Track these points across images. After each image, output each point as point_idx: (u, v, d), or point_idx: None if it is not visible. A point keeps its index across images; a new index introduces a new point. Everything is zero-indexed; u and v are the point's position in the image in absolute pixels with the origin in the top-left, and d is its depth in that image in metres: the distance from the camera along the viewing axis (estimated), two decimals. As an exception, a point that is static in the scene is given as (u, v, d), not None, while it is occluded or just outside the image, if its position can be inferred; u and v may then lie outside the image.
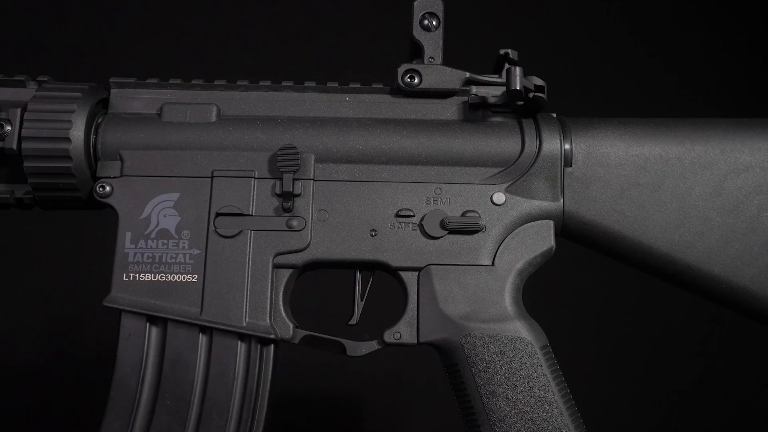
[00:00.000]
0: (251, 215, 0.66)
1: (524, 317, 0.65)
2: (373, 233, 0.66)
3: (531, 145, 0.67)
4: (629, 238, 0.67)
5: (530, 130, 0.68)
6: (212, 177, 0.66)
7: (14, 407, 1.20)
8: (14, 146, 0.64)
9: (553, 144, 0.67)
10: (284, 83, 0.70)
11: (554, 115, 0.70)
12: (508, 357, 0.63)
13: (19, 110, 0.65)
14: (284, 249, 0.65)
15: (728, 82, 1.38)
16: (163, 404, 0.63)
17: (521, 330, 0.64)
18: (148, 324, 0.64)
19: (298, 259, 0.66)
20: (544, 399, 0.63)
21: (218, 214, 0.65)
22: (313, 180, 0.67)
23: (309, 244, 0.66)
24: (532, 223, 0.67)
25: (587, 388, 1.14)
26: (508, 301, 0.65)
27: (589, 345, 1.26)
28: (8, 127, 0.64)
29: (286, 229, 0.66)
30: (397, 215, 0.66)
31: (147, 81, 0.70)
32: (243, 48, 1.34)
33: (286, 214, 0.66)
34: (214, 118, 0.68)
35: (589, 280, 1.27)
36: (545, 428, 0.62)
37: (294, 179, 0.65)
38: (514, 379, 0.63)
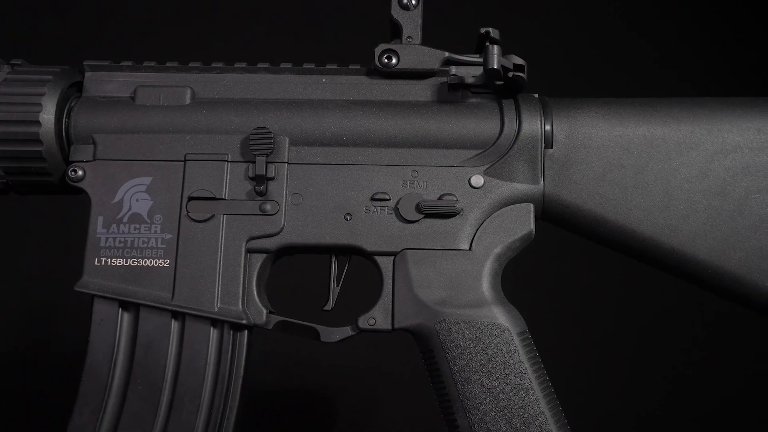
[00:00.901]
0: (224, 199, 0.65)
1: (502, 303, 0.64)
2: (348, 217, 0.65)
3: (510, 126, 0.66)
4: (612, 221, 0.65)
5: (510, 111, 0.66)
6: (185, 160, 0.65)
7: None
8: None
9: (533, 125, 0.65)
10: (260, 65, 0.69)
11: (536, 95, 0.68)
12: (483, 343, 0.62)
13: None
14: (257, 233, 0.64)
15: (716, 65, 1.35)
16: (135, 390, 0.63)
17: (498, 316, 0.62)
18: (120, 309, 0.64)
19: (272, 243, 0.64)
20: (520, 386, 0.61)
21: (191, 198, 0.64)
22: (288, 163, 0.65)
23: (282, 229, 0.64)
24: (512, 206, 0.65)
25: (571, 375, 1.13)
26: (485, 286, 0.63)
27: (573, 332, 1.23)
28: None
29: (259, 213, 0.64)
30: (373, 199, 0.65)
31: (121, 64, 0.69)
32: (221, 33, 1.33)
33: (260, 198, 0.65)
34: (188, 101, 0.67)
35: (573, 265, 1.25)
36: (521, 416, 0.61)
37: (267, 162, 0.64)
38: (490, 365, 0.61)
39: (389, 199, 0.65)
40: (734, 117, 0.65)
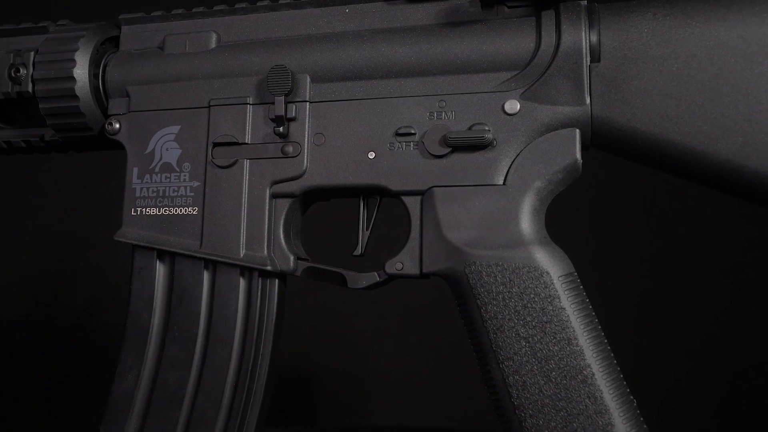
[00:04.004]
0: (246, 144, 0.63)
1: (542, 243, 0.56)
2: (372, 155, 0.60)
3: (548, 40, 0.57)
4: (677, 143, 0.55)
5: (549, 23, 0.57)
6: (209, 107, 0.64)
7: (10, 356, 1.24)
8: (29, 89, 0.67)
9: (575, 36, 0.56)
10: (282, 1, 0.66)
11: (583, 2, 0.58)
12: (518, 288, 0.55)
13: (32, 53, 0.67)
14: (280, 177, 0.62)
15: None
16: (172, 336, 0.64)
17: (536, 257, 0.55)
18: (157, 258, 0.65)
19: (296, 187, 0.62)
20: (560, 336, 0.54)
21: (215, 144, 0.63)
22: (309, 102, 0.62)
23: (305, 171, 0.62)
24: (553, 132, 0.57)
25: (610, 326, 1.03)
26: (523, 224, 0.56)
27: (610, 279, 1.11)
28: (23, 71, 0.67)
29: (281, 156, 0.62)
30: (397, 134, 0.60)
31: (152, 14, 0.69)
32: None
33: (281, 141, 0.62)
34: (213, 45, 0.66)
35: (605, 217, 1.11)
36: (561, 368, 0.53)
37: (287, 102, 0.61)
38: (525, 312, 0.55)
39: (414, 133, 0.59)
40: None
